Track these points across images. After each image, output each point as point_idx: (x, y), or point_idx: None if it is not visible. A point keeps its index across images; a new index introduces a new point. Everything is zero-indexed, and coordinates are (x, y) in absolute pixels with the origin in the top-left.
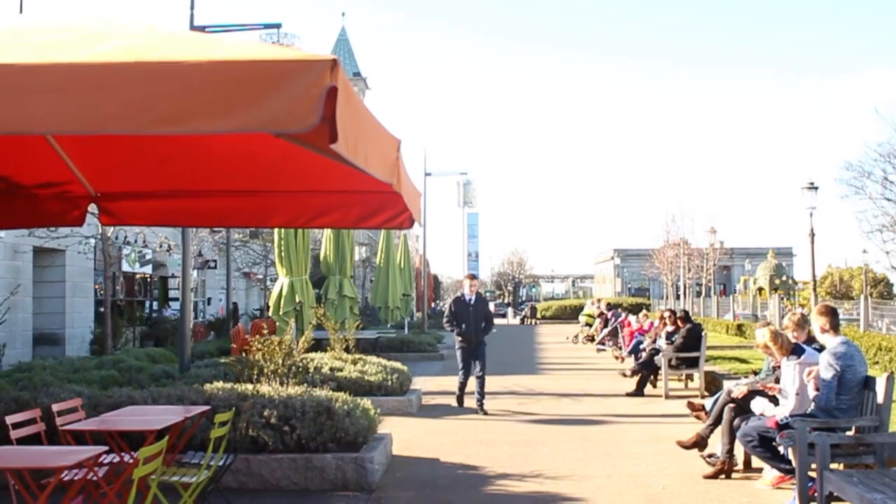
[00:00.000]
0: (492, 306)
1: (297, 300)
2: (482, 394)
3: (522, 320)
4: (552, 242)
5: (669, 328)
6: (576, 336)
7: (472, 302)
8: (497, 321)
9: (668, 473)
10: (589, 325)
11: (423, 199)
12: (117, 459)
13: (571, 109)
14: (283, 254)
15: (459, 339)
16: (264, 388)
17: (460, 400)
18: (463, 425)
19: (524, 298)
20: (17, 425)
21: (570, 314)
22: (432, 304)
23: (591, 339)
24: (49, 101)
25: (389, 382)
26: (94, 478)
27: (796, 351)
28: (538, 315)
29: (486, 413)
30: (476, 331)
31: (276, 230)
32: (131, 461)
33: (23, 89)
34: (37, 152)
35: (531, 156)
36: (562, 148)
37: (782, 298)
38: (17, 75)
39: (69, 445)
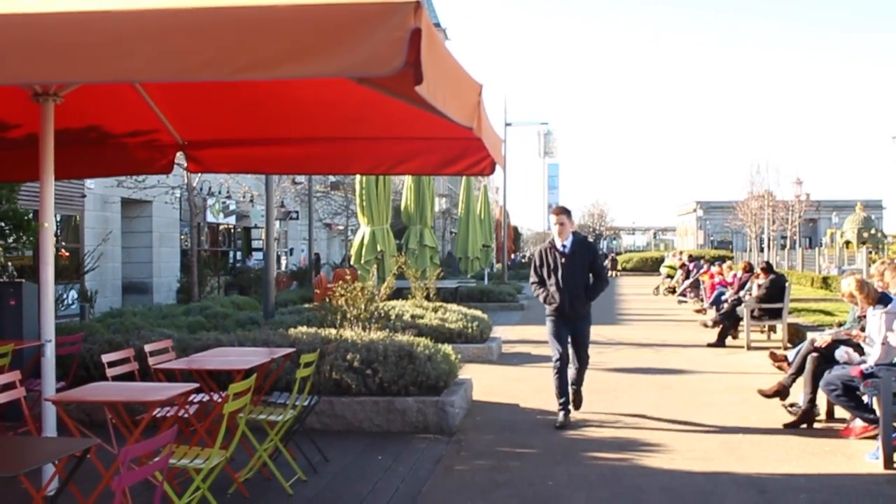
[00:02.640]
0: None
1: (379, 249)
2: (578, 394)
3: None
4: (634, 194)
5: (760, 280)
6: (656, 288)
7: (567, 250)
8: None
9: (748, 422)
10: (670, 276)
11: (503, 149)
12: (207, 398)
13: (654, 58)
14: (364, 203)
15: (548, 307)
16: (347, 333)
17: (563, 409)
18: (542, 373)
19: (605, 251)
20: (112, 364)
21: (650, 266)
22: (512, 256)
23: (672, 291)
24: (143, 48)
25: (470, 330)
26: (185, 415)
27: (883, 300)
28: (618, 267)
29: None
30: (573, 296)
31: (357, 180)
32: (220, 400)
33: (117, 36)
34: (126, 101)
35: (613, 105)
36: (644, 97)
37: (870, 252)
38: (112, 21)
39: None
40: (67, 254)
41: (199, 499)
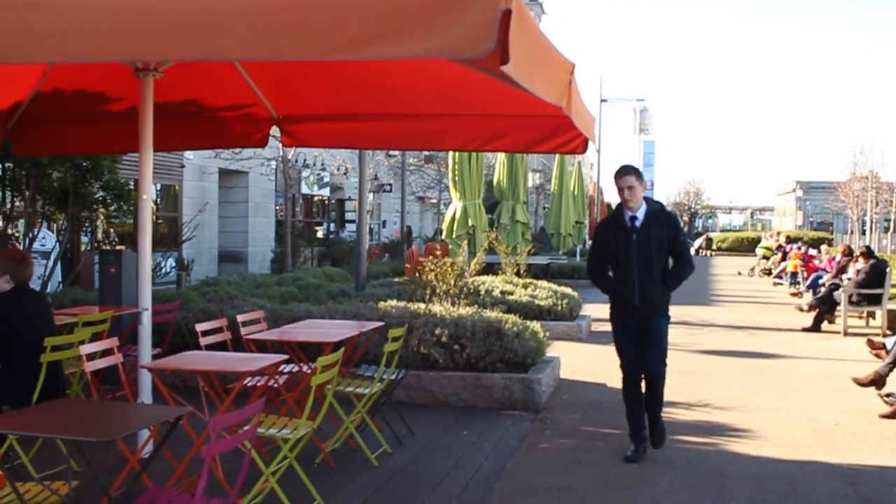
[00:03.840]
0: None
1: (470, 224)
2: (656, 425)
3: (697, 251)
4: (731, 172)
5: (859, 265)
6: (752, 269)
7: (638, 223)
8: None
9: (841, 410)
10: (766, 258)
11: (597, 126)
12: (296, 369)
13: (754, 35)
14: (456, 178)
15: (611, 301)
16: (436, 308)
17: (634, 438)
18: None
19: (700, 229)
20: (205, 333)
21: (746, 247)
22: None
23: (768, 272)
24: (238, 27)
25: (559, 307)
26: (275, 385)
27: None
28: (713, 246)
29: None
30: (645, 285)
31: (450, 155)
32: (309, 371)
33: (213, 15)
34: (223, 76)
35: (711, 82)
36: (744, 73)
37: None
38: (208, 0)
39: (253, 353)
40: (163, 224)
41: (286, 468)
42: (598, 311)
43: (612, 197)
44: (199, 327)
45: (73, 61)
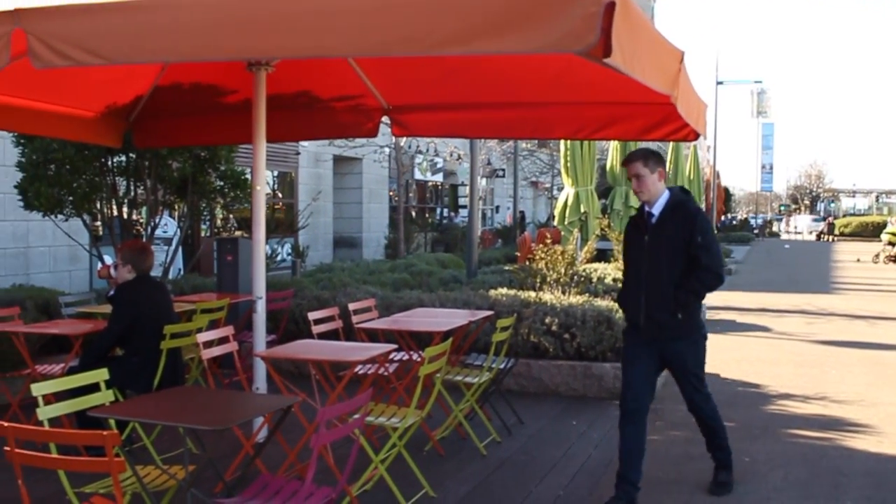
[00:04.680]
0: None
1: (582, 210)
2: (713, 454)
3: (818, 236)
4: (855, 154)
5: None
6: (876, 255)
7: (654, 220)
8: (791, 237)
9: None
10: (892, 244)
11: (713, 109)
12: (406, 357)
13: (877, 10)
14: (568, 164)
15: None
16: (546, 296)
17: (621, 469)
18: (745, 342)
19: (822, 214)
20: (318, 321)
21: (871, 232)
22: (722, 217)
23: (894, 259)
24: (345, 24)
25: None
26: (385, 373)
27: None
28: (836, 232)
29: None
30: (652, 299)
31: (562, 140)
32: (418, 359)
33: (320, 13)
34: (334, 68)
35: (833, 61)
36: (867, 51)
37: None
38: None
39: (363, 342)
40: (281, 208)
41: (395, 455)
42: (713, 298)
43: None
44: (312, 316)
45: (189, 60)
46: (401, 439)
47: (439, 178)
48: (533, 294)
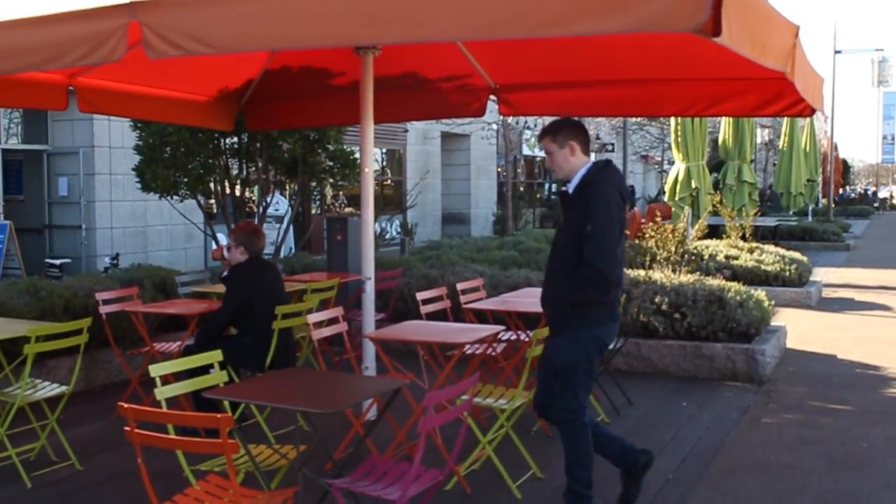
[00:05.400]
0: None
1: (693, 186)
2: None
3: None
4: None
5: None
6: None
7: (568, 202)
8: None
9: None
10: None
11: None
12: (514, 337)
13: None
14: (679, 139)
15: None
16: (656, 275)
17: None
18: (865, 321)
19: None
20: (426, 301)
21: None
22: (839, 191)
23: None
24: (449, 8)
25: (787, 273)
26: (493, 353)
27: None
28: None
29: None
30: (546, 289)
31: None
32: (526, 339)
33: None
34: (440, 48)
35: None
36: None
37: None
38: None
39: (471, 323)
40: (389, 185)
41: (502, 436)
42: (829, 275)
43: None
44: (420, 296)
45: (296, 48)
46: (508, 420)
47: None
48: (642, 272)
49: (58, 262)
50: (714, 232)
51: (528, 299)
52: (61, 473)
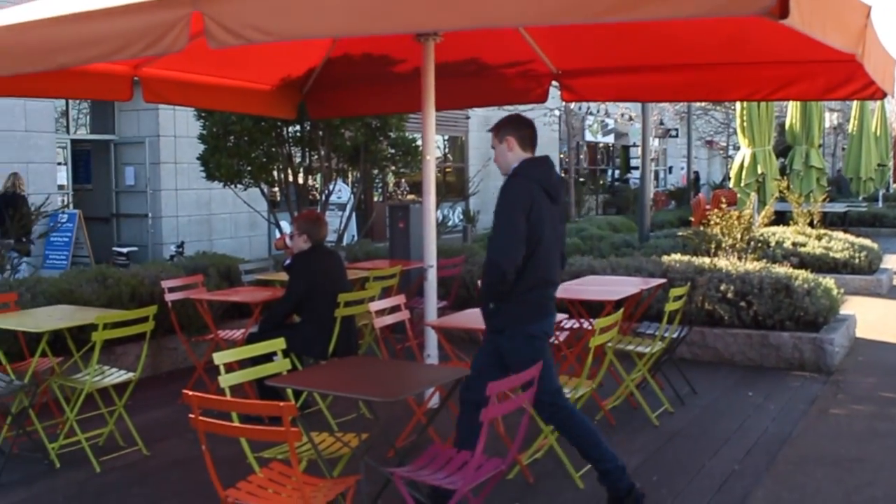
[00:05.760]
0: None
1: (760, 172)
2: None
3: None
4: None
5: None
6: None
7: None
8: None
9: None
10: None
11: None
12: (577, 325)
13: None
14: (745, 123)
15: None
16: (721, 263)
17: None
18: None
19: None
20: None
21: None
22: None
23: None
24: None
25: (857, 260)
26: (556, 341)
27: None
28: None
29: None
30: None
31: None
32: (589, 328)
33: None
34: (501, 35)
35: None
36: None
37: None
38: None
39: None
40: (451, 171)
41: None
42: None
43: None
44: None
45: (357, 35)
46: None
47: (610, 139)
48: (707, 260)
49: (125, 250)
50: (781, 218)
51: (592, 287)
52: (129, 458)
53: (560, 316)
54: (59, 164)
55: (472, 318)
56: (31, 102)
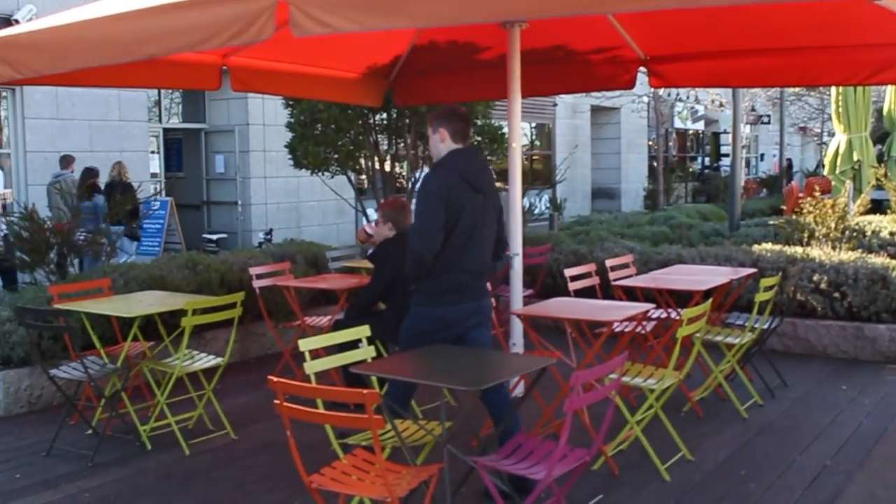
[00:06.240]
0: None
1: (856, 159)
2: None
3: None
4: None
5: None
6: None
7: None
8: None
9: None
10: None
11: None
12: (664, 315)
13: None
14: (840, 109)
15: None
16: (814, 252)
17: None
18: None
19: None
20: (574, 278)
21: None
22: None
23: None
24: None
25: None
26: (643, 331)
27: None
28: None
29: None
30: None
31: None
32: (677, 317)
33: None
34: (589, 20)
35: None
36: None
37: None
38: None
39: (620, 300)
40: (539, 160)
41: (651, 416)
42: None
43: None
44: (569, 272)
45: (443, 25)
46: (658, 400)
47: (700, 126)
48: (799, 249)
49: (214, 237)
50: (877, 207)
51: (680, 276)
52: (217, 442)
53: (647, 306)
54: (152, 152)
55: (558, 306)
56: (125, 93)
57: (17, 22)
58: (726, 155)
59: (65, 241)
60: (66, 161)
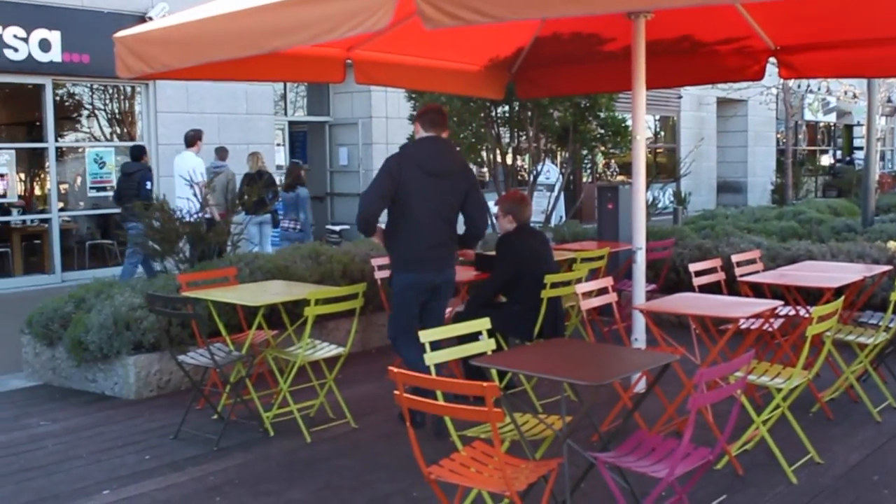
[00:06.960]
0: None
1: None
2: None
3: None
4: None
5: None
6: None
7: None
8: None
9: None
10: None
11: None
12: (792, 313)
13: None
14: None
15: None
16: None
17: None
18: None
19: None
20: (699, 273)
21: None
22: None
23: None
24: None
25: None
26: (770, 329)
27: None
28: None
29: None
30: None
31: None
32: (806, 316)
33: None
34: (715, 10)
35: None
36: None
37: None
38: None
39: (746, 297)
40: (662, 153)
41: (778, 417)
42: None
43: None
44: (693, 267)
45: (568, 15)
46: (785, 400)
47: (831, 118)
48: None
49: (337, 228)
50: None
51: (809, 273)
52: (337, 430)
53: (775, 302)
54: (278, 144)
55: (682, 302)
56: (251, 86)
57: (150, 19)
58: (860, 148)
59: (193, 231)
60: (222, 153)
